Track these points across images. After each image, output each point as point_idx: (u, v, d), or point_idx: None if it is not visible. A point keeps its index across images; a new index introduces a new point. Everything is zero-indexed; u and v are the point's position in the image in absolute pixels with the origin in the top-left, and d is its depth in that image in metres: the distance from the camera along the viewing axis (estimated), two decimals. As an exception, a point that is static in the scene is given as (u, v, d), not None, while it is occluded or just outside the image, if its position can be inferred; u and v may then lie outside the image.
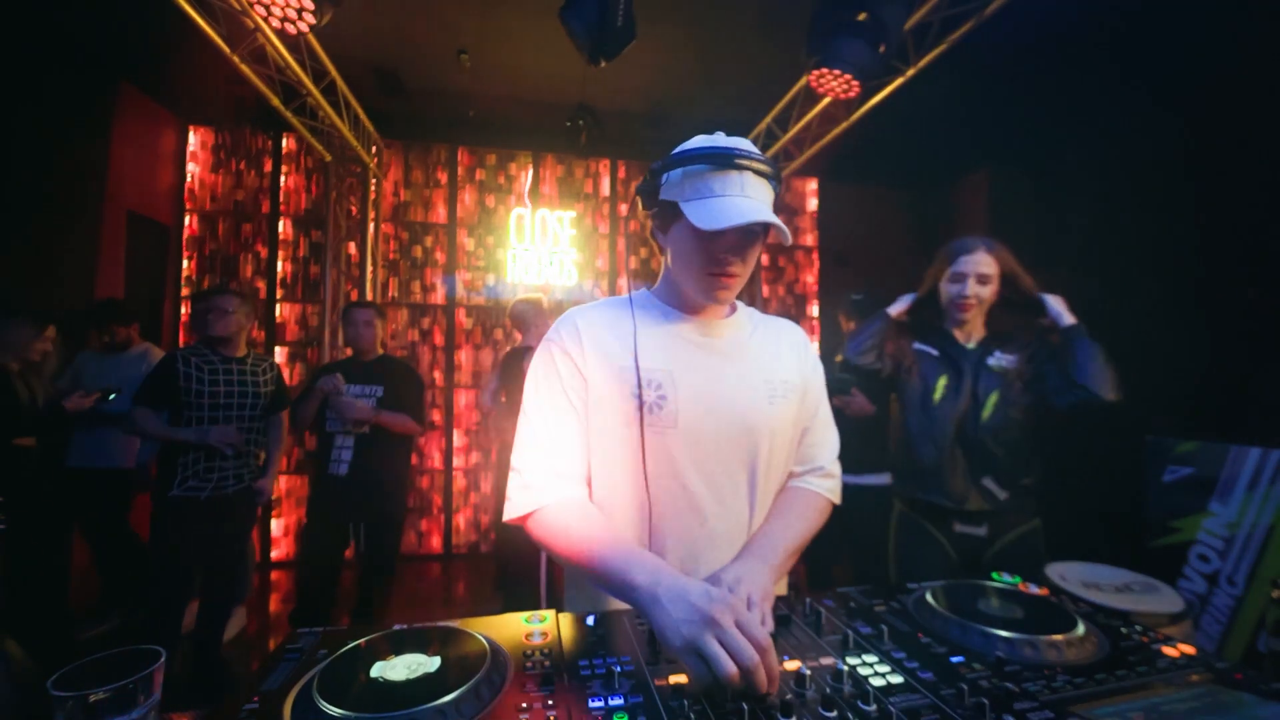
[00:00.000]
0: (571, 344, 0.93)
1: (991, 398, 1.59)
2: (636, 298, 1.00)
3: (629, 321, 0.95)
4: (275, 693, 0.61)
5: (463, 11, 3.16)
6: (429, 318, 4.52)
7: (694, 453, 0.90)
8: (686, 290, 0.95)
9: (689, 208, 0.86)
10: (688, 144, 0.92)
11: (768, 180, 0.88)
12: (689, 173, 0.88)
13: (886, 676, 0.65)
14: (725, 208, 0.83)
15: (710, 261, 0.89)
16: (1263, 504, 1.52)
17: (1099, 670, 0.67)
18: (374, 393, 2.62)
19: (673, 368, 0.92)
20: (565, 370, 0.92)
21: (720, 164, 0.85)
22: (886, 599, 0.88)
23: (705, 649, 0.59)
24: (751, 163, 0.85)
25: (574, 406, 0.92)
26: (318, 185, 4.33)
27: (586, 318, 0.96)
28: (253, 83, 2.92)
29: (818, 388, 1.05)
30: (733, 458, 0.92)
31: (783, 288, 5.16)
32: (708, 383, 0.93)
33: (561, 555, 0.85)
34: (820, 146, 3.80)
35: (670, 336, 0.95)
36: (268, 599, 3.67)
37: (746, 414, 0.93)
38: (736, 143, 0.89)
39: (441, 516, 4.46)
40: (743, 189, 0.85)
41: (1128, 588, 1.21)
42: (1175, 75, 2.86)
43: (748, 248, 0.89)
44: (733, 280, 0.90)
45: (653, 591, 0.68)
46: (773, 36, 3.26)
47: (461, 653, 0.67)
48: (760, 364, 0.97)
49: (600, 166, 4.81)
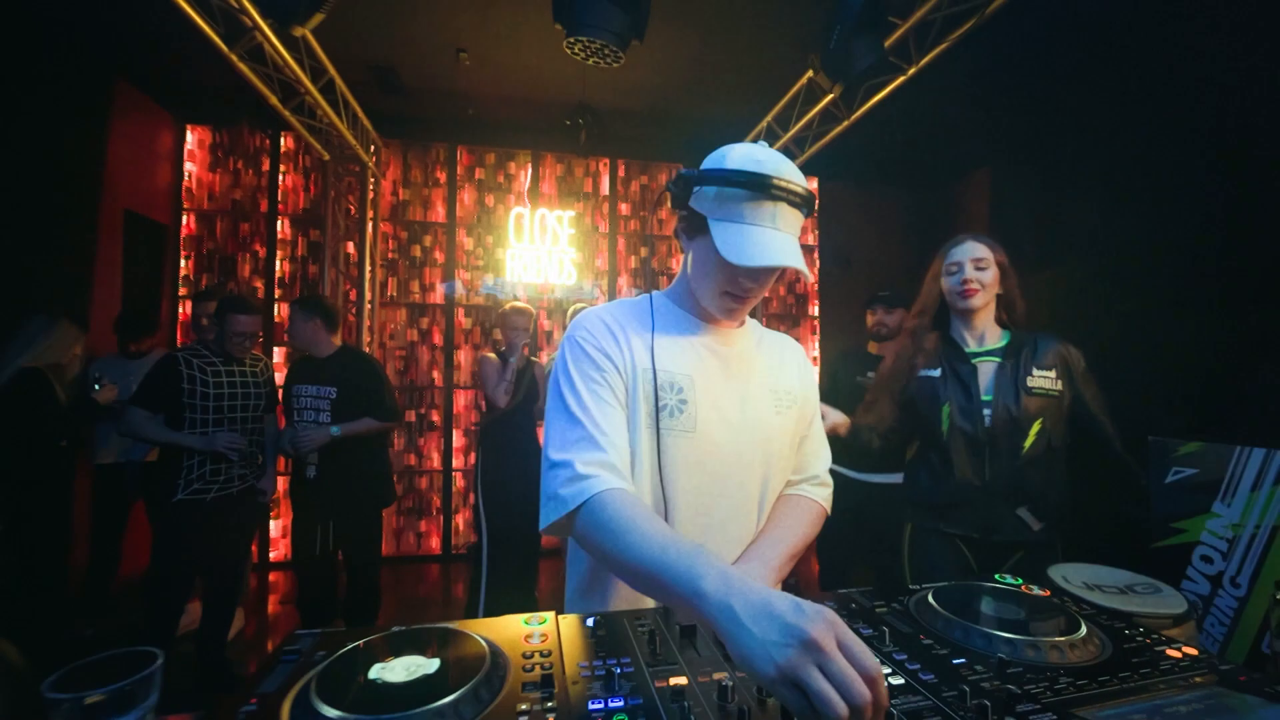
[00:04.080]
0: (608, 341, 0.92)
1: (1034, 426, 1.50)
2: (656, 301, 1.01)
3: (648, 325, 0.95)
4: (273, 694, 0.60)
5: (462, 10, 3.15)
6: (428, 317, 4.52)
7: (711, 459, 0.91)
8: (701, 299, 0.96)
9: (717, 229, 0.85)
10: (725, 157, 0.87)
11: (800, 208, 0.86)
12: (723, 192, 0.85)
13: (888, 678, 0.65)
14: (754, 241, 0.83)
15: (729, 283, 0.89)
16: (1267, 505, 1.52)
17: (1102, 672, 0.67)
18: (327, 394, 2.53)
19: (693, 373, 0.93)
20: (606, 365, 0.90)
21: (758, 190, 0.83)
22: (888, 600, 0.87)
23: (809, 684, 0.47)
24: (787, 193, 0.83)
25: (618, 400, 0.89)
26: (316, 184, 4.32)
27: (610, 314, 0.96)
28: (250, 81, 2.91)
29: (813, 400, 1.08)
30: (746, 465, 0.94)
31: (783, 287, 5.16)
32: (723, 391, 0.94)
33: (609, 554, 0.74)
34: (820, 146, 3.79)
35: (689, 343, 0.96)
36: (266, 599, 3.67)
37: (758, 424, 0.95)
38: (778, 165, 0.85)
39: (440, 517, 4.45)
40: (775, 220, 0.84)
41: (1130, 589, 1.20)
42: (1177, 74, 2.86)
43: (769, 276, 0.90)
44: (747, 304, 0.93)
45: (725, 601, 0.56)
46: (773, 36, 3.25)
47: (460, 654, 0.66)
48: (768, 375, 1.00)
49: (600, 165, 4.81)
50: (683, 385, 0.91)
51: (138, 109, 3.75)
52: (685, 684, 0.63)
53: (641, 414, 0.89)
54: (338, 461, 2.54)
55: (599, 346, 0.91)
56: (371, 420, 2.58)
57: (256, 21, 2.50)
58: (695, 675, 0.65)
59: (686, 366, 0.93)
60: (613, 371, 0.90)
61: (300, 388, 2.55)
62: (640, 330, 0.94)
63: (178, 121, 4.11)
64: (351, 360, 2.66)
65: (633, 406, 0.89)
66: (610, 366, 0.90)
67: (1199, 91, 2.78)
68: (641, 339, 0.93)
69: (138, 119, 3.76)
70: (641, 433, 0.89)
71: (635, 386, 0.90)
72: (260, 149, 4.28)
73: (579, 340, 0.92)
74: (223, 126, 4.20)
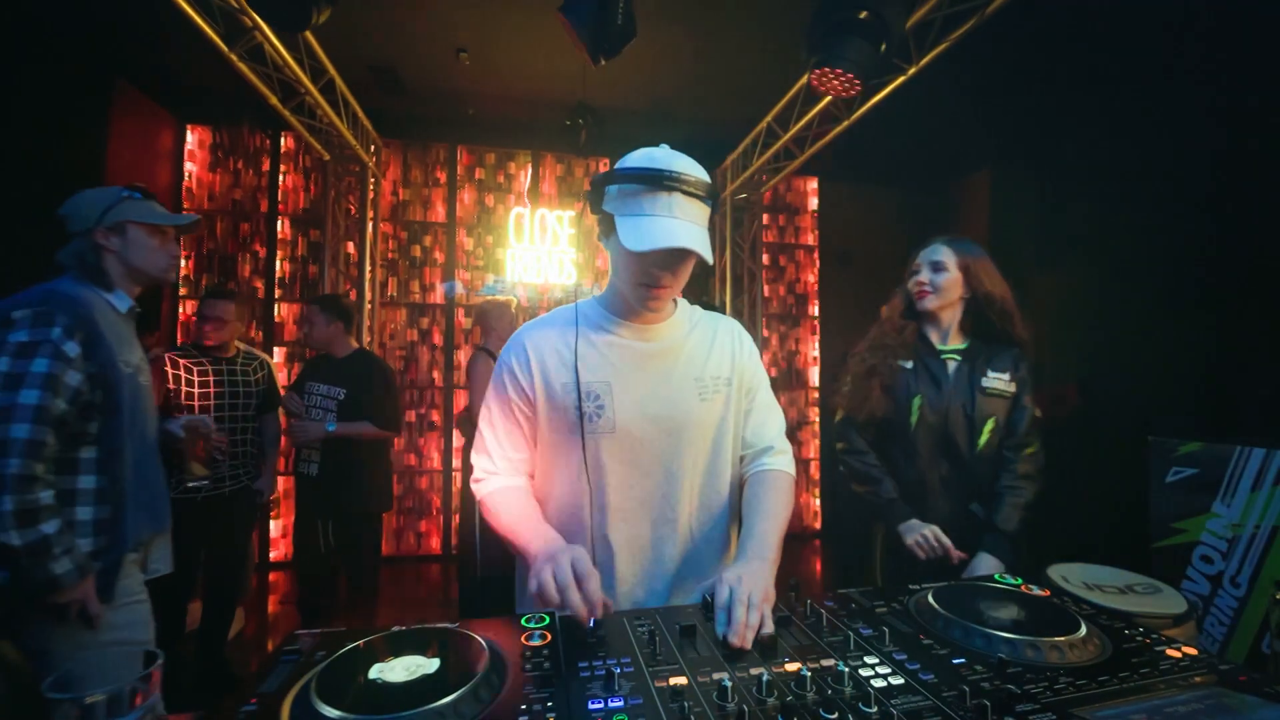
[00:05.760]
0: (521, 368, 1.04)
1: (988, 424, 1.53)
2: (582, 308, 1.08)
3: (572, 336, 1.03)
4: (273, 694, 0.60)
5: (462, 10, 3.15)
6: (428, 317, 4.52)
7: (629, 454, 1.01)
8: (624, 294, 1.02)
9: (621, 224, 0.92)
10: (626, 159, 0.95)
11: (699, 200, 0.92)
12: (624, 189, 0.93)
13: (888, 678, 0.65)
14: (652, 228, 0.89)
15: (641, 274, 0.95)
16: (1266, 505, 1.52)
17: (1101, 672, 0.67)
18: (335, 394, 2.56)
19: (610, 378, 1.02)
20: (514, 392, 1.04)
21: (652, 183, 0.89)
22: (888, 600, 0.87)
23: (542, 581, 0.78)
24: (680, 183, 0.89)
25: (519, 418, 1.05)
26: (316, 184, 4.32)
27: (534, 339, 1.06)
28: (250, 81, 2.92)
29: (753, 374, 1.12)
30: (667, 452, 1.02)
31: (783, 287, 5.16)
32: (641, 388, 1.02)
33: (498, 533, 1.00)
34: (820, 146, 3.79)
35: (609, 346, 1.04)
36: (266, 599, 3.67)
37: (675, 414, 1.02)
38: (671, 161, 0.92)
39: (440, 517, 4.45)
40: (672, 210, 0.90)
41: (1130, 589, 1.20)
42: (1177, 73, 2.86)
43: (678, 264, 0.95)
44: (663, 292, 0.97)
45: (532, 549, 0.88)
46: (773, 36, 3.25)
47: (460, 654, 0.66)
48: (692, 363, 1.06)
49: (600, 165, 4.81)
50: (600, 393, 1.01)
51: (138, 109, 3.75)
52: (685, 684, 0.63)
53: (567, 423, 1.01)
54: (338, 461, 2.55)
55: (514, 374, 1.04)
56: (369, 425, 2.58)
57: (256, 21, 2.51)
58: (695, 675, 0.65)
59: (605, 373, 1.02)
60: (522, 397, 1.04)
61: (313, 385, 2.59)
62: (563, 343, 1.04)
63: (178, 121, 4.11)
64: (364, 364, 2.70)
65: (557, 416, 1.02)
66: (521, 393, 1.04)
67: (1199, 92, 2.78)
68: (562, 354, 1.03)
69: (138, 119, 3.76)
70: (568, 438, 1.01)
71: (555, 399, 1.02)
72: (260, 149, 4.28)
73: (501, 365, 1.07)
74: (223, 126, 4.20)
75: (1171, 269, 2.84)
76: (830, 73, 2.62)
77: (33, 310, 1.19)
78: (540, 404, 1.03)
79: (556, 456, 1.04)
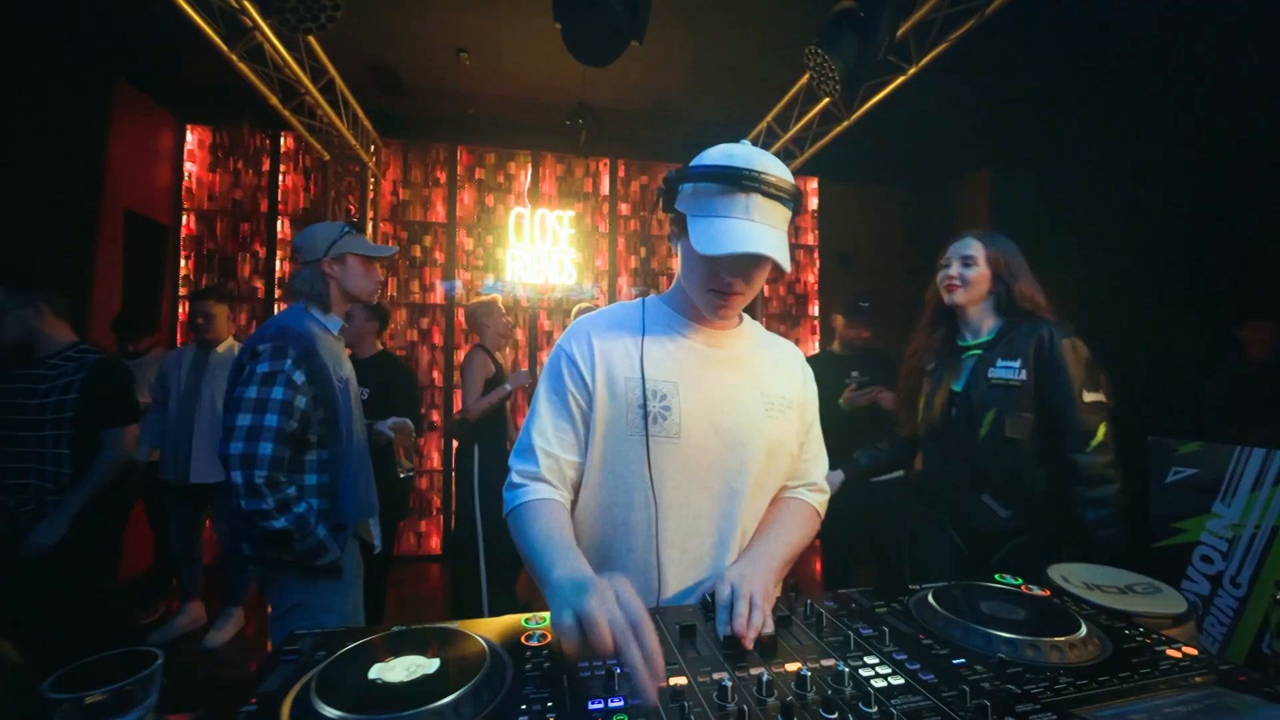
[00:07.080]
0: (583, 357, 0.96)
1: (988, 415, 1.52)
2: (648, 304, 1.02)
3: (638, 331, 0.97)
4: (273, 694, 0.60)
5: (462, 10, 3.15)
6: (428, 317, 4.52)
7: (694, 463, 0.93)
8: (692, 298, 0.96)
9: (693, 225, 0.86)
10: (704, 155, 0.89)
11: (780, 201, 0.85)
12: (699, 188, 0.87)
13: (888, 678, 0.65)
14: (727, 232, 0.83)
15: (713, 279, 0.89)
16: (1266, 505, 1.52)
17: (1102, 672, 0.67)
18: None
19: (678, 379, 0.94)
20: (573, 381, 0.95)
21: (729, 183, 0.83)
22: (888, 600, 0.87)
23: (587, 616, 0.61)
24: (760, 184, 0.82)
25: (574, 412, 0.95)
26: (316, 184, 4.32)
27: (598, 328, 0.99)
28: (250, 81, 2.91)
29: (812, 408, 1.08)
30: (731, 466, 0.94)
31: (783, 287, 5.16)
32: (710, 395, 0.95)
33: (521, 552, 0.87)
34: (820, 146, 3.79)
35: (677, 347, 0.97)
36: (266, 600, 3.67)
37: (743, 427, 0.95)
38: (752, 158, 0.85)
39: (440, 517, 4.45)
40: (748, 211, 0.83)
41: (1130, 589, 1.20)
42: (1177, 74, 2.86)
43: (752, 270, 0.89)
44: (734, 299, 0.92)
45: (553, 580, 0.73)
46: (773, 36, 3.25)
47: (461, 654, 0.66)
48: (760, 378, 1.00)
49: (600, 165, 4.81)
50: (666, 393, 0.93)
51: (138, 109, 3.75)
52: (685, 684, 0.63)
53: (629, 423, 0.93)
54: None
55: (576, 361, 0.96)
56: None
57: (256, 21, 2.50)
58: (695, 675, 0.65)
59: (672, 373, 0.95)
60: (582, 388, 0.95)
61: None
62: (629, 339, 0.97)
63: (178, 121, 4.11)
64: (388, 366, 2.73)
65: (618, 415, 0.93)
66: (581, 383, 0.95)
67: (1199, 92, 2.78)
68: (628, 349, 0.96)
69: (138, 119, 3.75)
70: (630, 440, 0.93)
71: (617, 396, 0.93)
72: (260, 149, 4.28)
73: (560, 351, 0.98)
74: (223, 126, 4.20)
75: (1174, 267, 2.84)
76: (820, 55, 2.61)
77: (270, 345, 1.43)
78: (600, 398, 0.94)
79: (613, 462, 0.94)
